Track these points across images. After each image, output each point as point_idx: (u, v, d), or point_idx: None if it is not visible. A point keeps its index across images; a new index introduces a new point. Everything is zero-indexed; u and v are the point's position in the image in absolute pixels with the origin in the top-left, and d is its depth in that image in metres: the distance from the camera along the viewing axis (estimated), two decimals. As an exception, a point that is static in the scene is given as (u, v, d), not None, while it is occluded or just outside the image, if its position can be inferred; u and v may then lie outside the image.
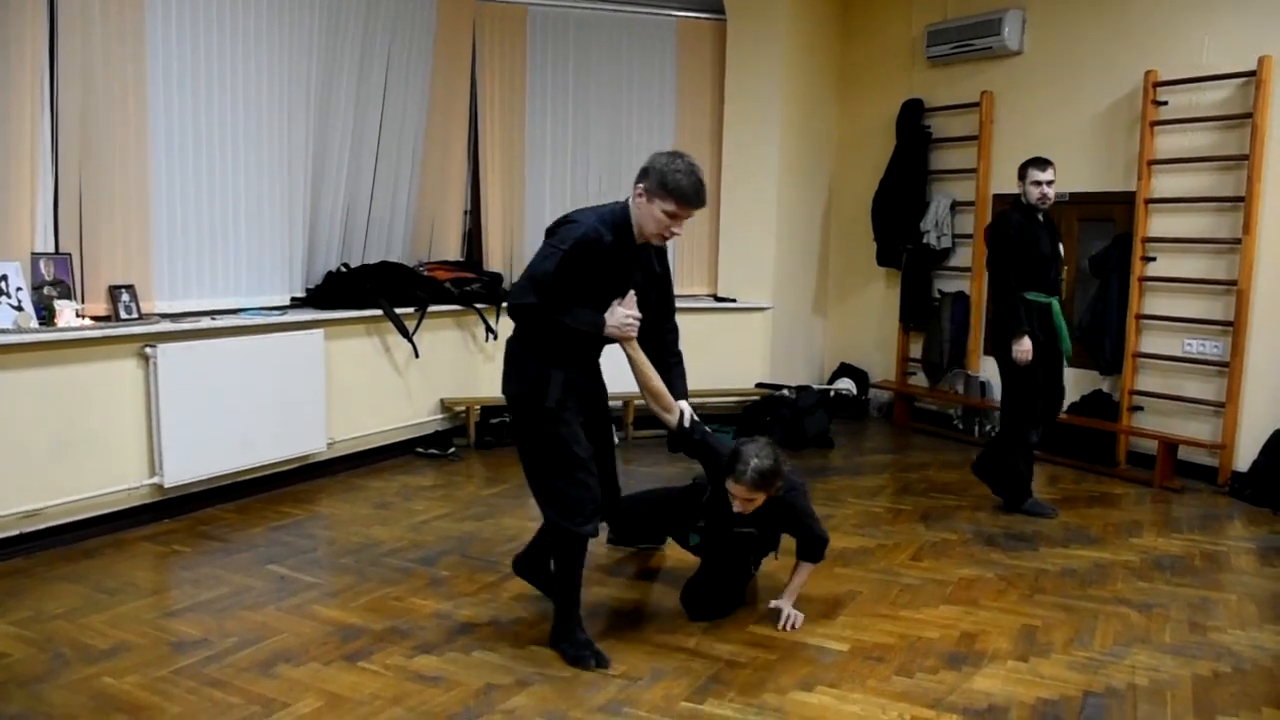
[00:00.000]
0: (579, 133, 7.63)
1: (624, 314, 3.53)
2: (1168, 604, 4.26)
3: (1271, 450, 5.90)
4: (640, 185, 3.42)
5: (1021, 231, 5.42)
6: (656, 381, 3.70)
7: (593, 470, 3.57)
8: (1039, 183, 5.39)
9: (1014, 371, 5.50)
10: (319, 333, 5.83)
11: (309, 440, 5.84)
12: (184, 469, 5.10)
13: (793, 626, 3.87)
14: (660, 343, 3.76)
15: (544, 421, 3.50)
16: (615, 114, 7.71)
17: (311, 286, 6.25)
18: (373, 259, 6.64)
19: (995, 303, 5.72)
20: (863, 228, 8.10)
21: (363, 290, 6.22)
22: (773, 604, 3.96)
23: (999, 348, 5.56)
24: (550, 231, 3.53)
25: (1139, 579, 4.57)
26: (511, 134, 7.41)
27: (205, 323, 5.29)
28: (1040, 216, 5.47)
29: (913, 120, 7.76)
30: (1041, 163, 5.44)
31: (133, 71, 4.99)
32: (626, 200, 3.52)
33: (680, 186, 3.36)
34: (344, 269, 6.37)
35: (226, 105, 5.51)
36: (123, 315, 4.93)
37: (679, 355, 3.86)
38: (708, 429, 3.94)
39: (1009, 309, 5.46)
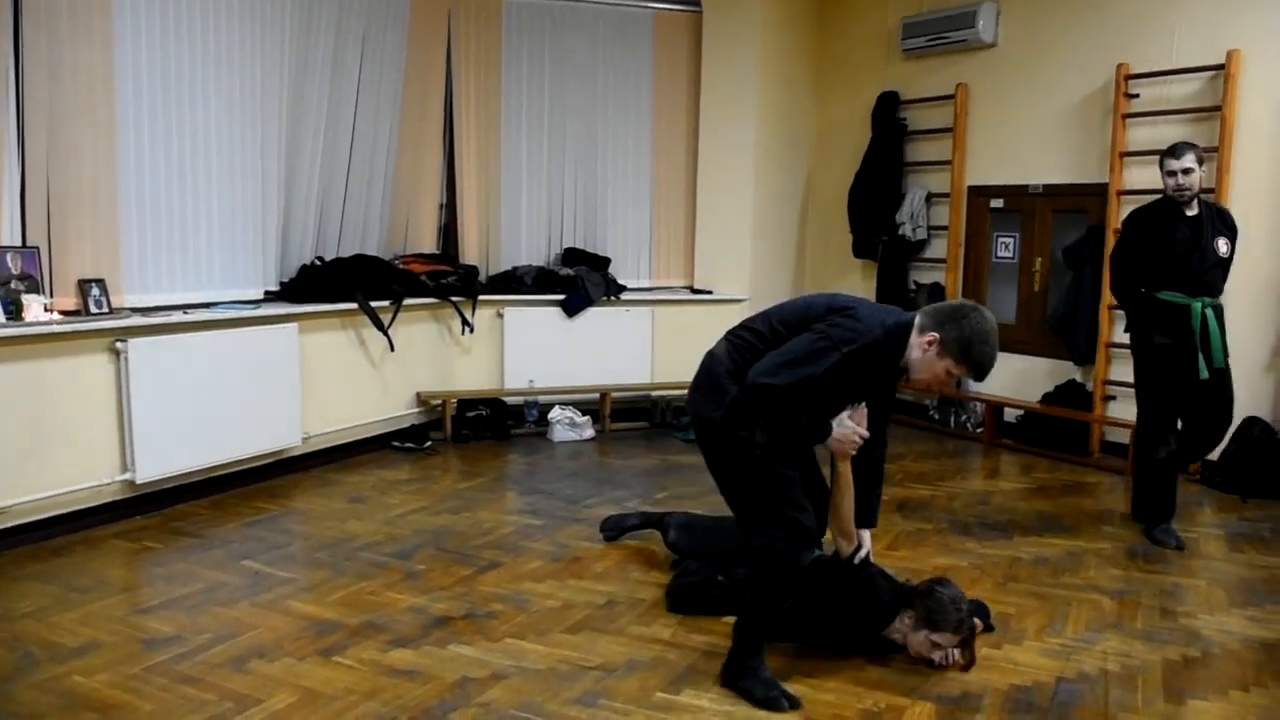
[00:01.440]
0: (555, 125, 7.60)
1: (852, 428, 3.31)
2: (1139, 590, 4.30)
3: (1241, 438, 5.95)
4: (934, 334, 3.09)
5: (1147, 225, 4.99)
6: (849, 508, 3.51)
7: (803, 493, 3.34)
8: (1172, 172, 4.85)
9: (1137, 376, 5.16)
10: (293, 326, 5.80)
11: (283, 435, 5.80)
12: (156, 465, 5.07)
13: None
14: (870, 458, 3.51)
15: (747, 446, 3.22)
16: (591, 106, 7.69)
17: (285, 280, 6.20)
18: (347, 252, 6.60)
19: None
20: (839, 220, 8.11)
21: (337, 283, 6.19)
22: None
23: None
24: (819, 313, 3.19)
25: (1112, 566, 4.61)
26: (487, 126, 7.38)
27: (177, 317, 5.24)
28: (1192, 209, 4.91)
29: (888, 112, 7.78)
30: (1174, 150, 4.89)
31: (100, 63, 4.93)
32: (909, 319, 3.17)
33: (983, 362, 3.10)
34: (319, 262, 6.32)
35: (197, 95, 5.45)
36: (93, 310, 4.88)
37: (882, 474, 3.63)
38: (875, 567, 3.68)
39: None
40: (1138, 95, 6.43)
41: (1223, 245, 4.95)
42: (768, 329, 3.26)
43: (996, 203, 7.31)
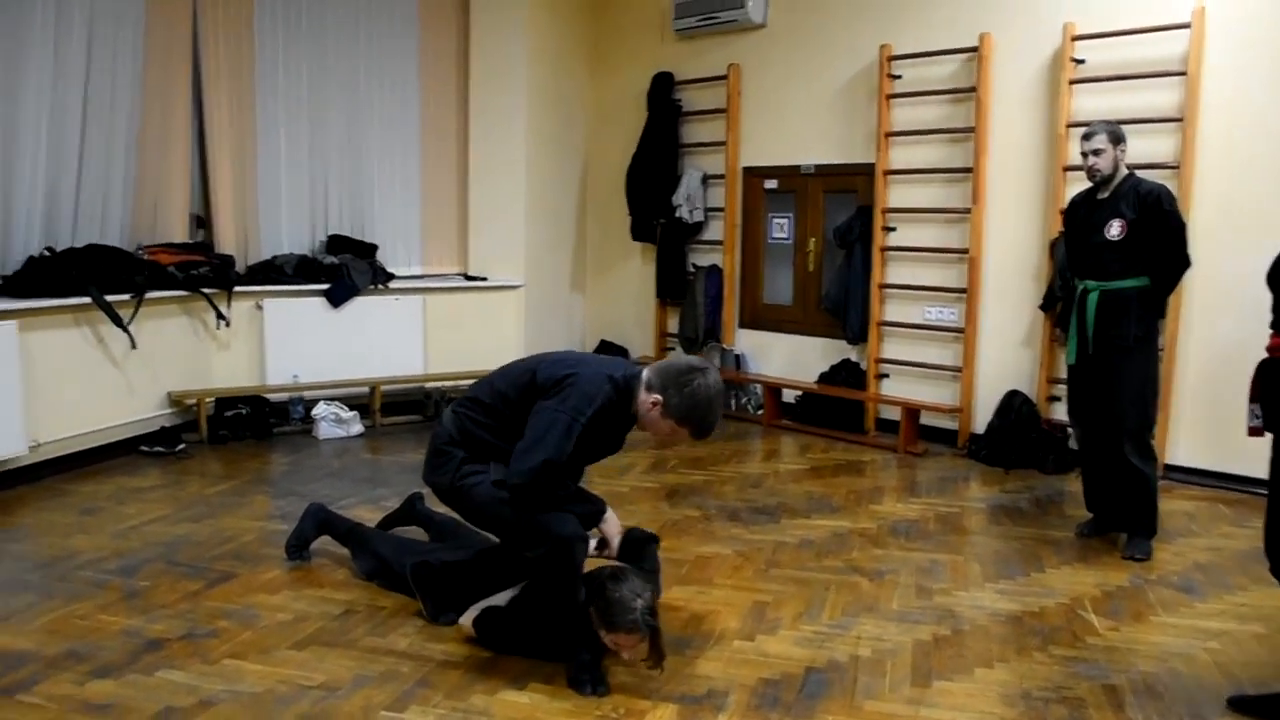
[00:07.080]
0: (316, 105, 7.16)
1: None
2: (899, 569, 4.30)
3: (1003, 412, 6.12)
4: (659, 397, 3.18)
5: (1068, 211, 4.78)
6: None
7: None
8: (1084, 154, 4.51)
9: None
10: (10, 325, 5.22)
11: (4, 444, 5.24)
12: None
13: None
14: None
15: (477, 491, 3.33)
16: (354, 86, 7.31)
17: (8, 273, 5.61)
18: (83, 242, 6.02)
19: None
20: (618, 202, 7.97)
21: (68, 276, 5.64)
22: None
23: None
24: (542, 384, 3.23)
25: (874, 546, 4.61)
26: (240, 106, 6.86)
27: None
28: (1104, 193, 4.52)
29: (663, 93, 7.68)
30: (1086, 132, 4.53)
31: None
32: (636, 373, 3.28)
33: (704, 428, 3.23)
34: (48, 253, 5.75)
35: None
36: None
37: None
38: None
39: None
40: (900, 76, 6.51)
41: (1114, 228, 4.45)
42: (488, 396, 3.39)
43: (770, 183, 7.32)
